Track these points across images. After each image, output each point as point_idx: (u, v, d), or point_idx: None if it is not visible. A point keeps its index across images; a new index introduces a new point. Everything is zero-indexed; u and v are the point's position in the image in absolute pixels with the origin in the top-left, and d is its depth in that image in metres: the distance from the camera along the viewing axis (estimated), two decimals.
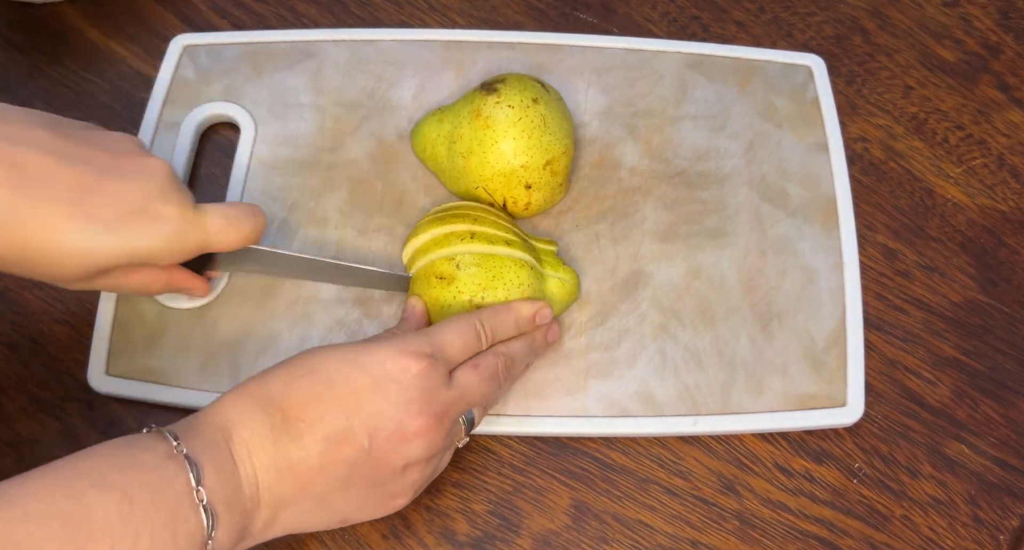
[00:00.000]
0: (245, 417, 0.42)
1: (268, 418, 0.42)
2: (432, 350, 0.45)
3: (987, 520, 0.55)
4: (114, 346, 0.56)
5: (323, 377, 0.43)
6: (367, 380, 0.43)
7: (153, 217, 0.44)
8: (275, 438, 0.42)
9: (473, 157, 0.56)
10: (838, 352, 0.57)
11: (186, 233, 0.45)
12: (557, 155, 0.56)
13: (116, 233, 0.43)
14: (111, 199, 0.43)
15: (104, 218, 0.43)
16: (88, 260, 0.43)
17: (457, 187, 0.58)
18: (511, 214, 0.58)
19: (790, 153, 0.62)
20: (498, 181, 0.56)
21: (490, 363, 0.49)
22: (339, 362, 0.44)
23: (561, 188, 0.58)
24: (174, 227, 0.45)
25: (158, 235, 0.44)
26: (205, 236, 0.46)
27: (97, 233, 0.43)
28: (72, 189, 0.42)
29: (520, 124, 0.55)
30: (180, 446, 0.40)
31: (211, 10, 0.67)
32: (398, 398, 0.43)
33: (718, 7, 0.69)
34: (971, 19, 0.69)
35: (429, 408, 0.44)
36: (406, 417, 0.44)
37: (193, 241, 0.46)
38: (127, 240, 0.43)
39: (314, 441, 0.42)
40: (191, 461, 0.39)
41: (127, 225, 0.43)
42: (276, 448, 0.42)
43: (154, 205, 0.44)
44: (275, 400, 0.42)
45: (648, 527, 0.54)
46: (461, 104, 0.57)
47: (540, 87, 0.56)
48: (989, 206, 0.63)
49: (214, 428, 0.42)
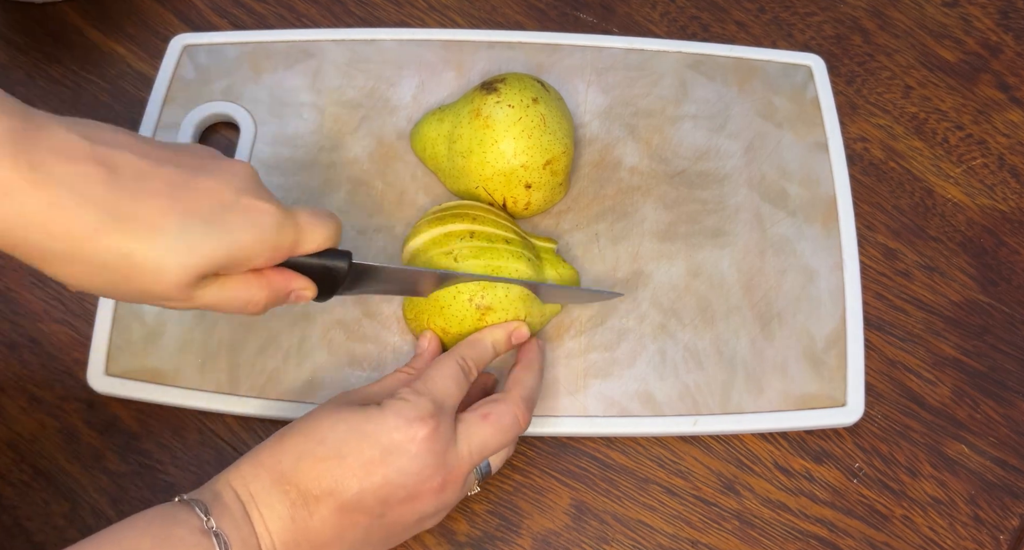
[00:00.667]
0: (263, 494, 0.44)
1: (285, 495, 0.44)
2: (434, 408, 0.46)
3: (987, 520, 0.55)
4: (114, 346, 0.56)
5: (332, 449, 0.44)
6: (376, 451, 0.44)
7: (248, 209, 0.44)
8: (293, 514, 0.44)
9: (473, 157, 0.56)
10: (838, 352, 0.57)
11: (282, 226, 0.45)
12: (557, 155, 0.56)
13: (215, 226, 0.42)
14: (206, 195, 0.43)
15: (202, 212, 0.42)
16: (191, 258, 0.42)
17: (457, 187, 0.58)
18: (511, 214, 0.58)
19: (790, 153, 0.62)
20: (498, 181, 0.56)
21: (505, 412, 0.48)
22: (347, 433, 0.45)
23: (561, 188, 0.58)
24: (272, 218, 0.44)
25: (256, 227, 0.44)
26: (298, 232, 0.45)
27: (197, 227, 0.42)
28: (169, 186, 0.42)
29: (520, 124, 0.55)
30: (210, 522, 0.42)
31: (211, 10, 0.68)
32: (409, 468, 0.45)
33: (718, 7, 0.69)
34: (971, 19, 0.69)
35: (439, 471, 0.45)
36: (417, 483, 0.45)
37: (288, 236, 0.45)
38: (227, 233, 0.42)
39: (329, 513, 0.44)
40: (220, 538, 0.41)
41: (225, 219, 0.43)
42: (294, 524, 0.44)
43: (247, 199, 0.44)
44: (288, 475, 0.44)
45: (648, 527, 0.54)
46: (461, 103, 0.57)
47: (540, 87, 0.56)
48: (989, 206, 0.63)
49: (237, 502, 0.44)
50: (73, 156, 0.40)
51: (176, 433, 0.56)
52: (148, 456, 0.55)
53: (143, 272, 0.41)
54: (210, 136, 0.63)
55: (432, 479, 0.45)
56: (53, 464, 0.55)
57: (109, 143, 0.41)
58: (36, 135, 0.39)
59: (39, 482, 0.54)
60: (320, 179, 0.61)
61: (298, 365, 0.56)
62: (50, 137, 0.40)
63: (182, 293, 0.42)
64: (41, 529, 0.54)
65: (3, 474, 0.54)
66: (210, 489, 0.44)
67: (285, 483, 0.44)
